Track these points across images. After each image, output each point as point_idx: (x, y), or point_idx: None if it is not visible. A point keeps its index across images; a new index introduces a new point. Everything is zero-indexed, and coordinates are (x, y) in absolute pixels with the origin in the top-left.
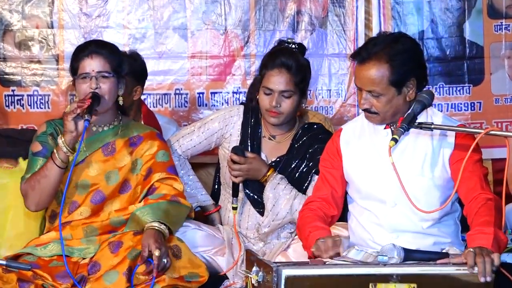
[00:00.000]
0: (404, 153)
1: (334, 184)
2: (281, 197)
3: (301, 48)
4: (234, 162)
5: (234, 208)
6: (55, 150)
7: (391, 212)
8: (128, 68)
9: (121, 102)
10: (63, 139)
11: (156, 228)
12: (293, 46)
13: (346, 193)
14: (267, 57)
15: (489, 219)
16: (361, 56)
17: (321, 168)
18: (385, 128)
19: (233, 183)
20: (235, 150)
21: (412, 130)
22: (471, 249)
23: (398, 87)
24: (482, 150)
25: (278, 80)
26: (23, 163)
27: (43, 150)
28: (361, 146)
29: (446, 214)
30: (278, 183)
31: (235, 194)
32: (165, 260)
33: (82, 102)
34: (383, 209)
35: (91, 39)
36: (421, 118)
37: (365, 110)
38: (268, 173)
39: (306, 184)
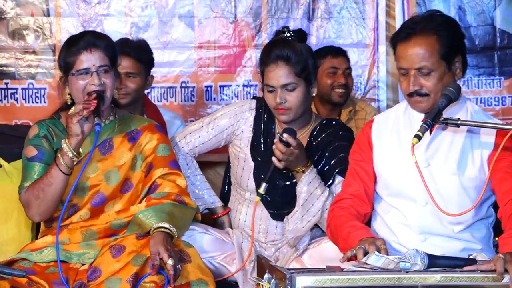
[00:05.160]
0: (439, 149)
1: (366, 178)
2: (315, 193)
3: (300, 34)
4: (285, 144)
5: (260, 195)
6: (59, 155)
7: (421, 212)
8: (144, 56)
9: (116, 95)
10: (68, 143)
11: (165, 230)
12: (288, 34)
13: None
14: (262, 53)
15: None
16: (403, 34)
17: (351, 162)
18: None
19: (274, 167)
20: (289, 131)
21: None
22: (501, 255)
23: (448, 62)
24: None
25: (277, 75)
26: (6, 164)
27: (39, 154)
28: (394, 139)
29: (481, 218)
30: (315, 177)
31: (269, 180)
32: (179, 267)
33: (87, 104)
34: (412, 208)
35: (88, 29)
36: (459, 114)
37: (413, 93)
38: (308, 164)
39: (328, 184)
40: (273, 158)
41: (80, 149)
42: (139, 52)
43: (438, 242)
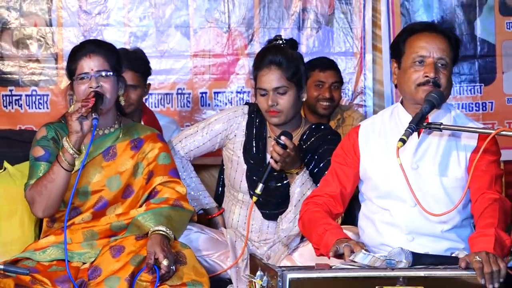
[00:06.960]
0: (427, 152)
1: (345, 181)
2: (307, 194)
3: (291, 43)
4: (282, 147)
5: (257, 195)
6: (60, 153)
7: (410, 212)
8: (142, 67)
9: (122, 102)
10: (68, 141)
11: (162, 232)
12: (280, 42)
13: (357, 193)
14: (255, 59)
15: (493, 221)
16: (427, 26)
17: (333, 163)
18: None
19: (271, 168)
20: (286, 134)
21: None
22: (478, 258)
23: (452, 67)
24: None
25: (269, 78)
26: (10, 167)
27: (46, 155)
28: (381, 144)
29: (467, 217)
30: (308, 178)
31: (265, 181)
32: (173, 268)
33: (86, 102)
34: (402, 209)
35: (89, 38)
36: (444, 119)
37: (429, 82)
38: (301, 166)
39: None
40: (271, 160)
41: (82, 146)
42: (139, 65)
43: (425, 242)
